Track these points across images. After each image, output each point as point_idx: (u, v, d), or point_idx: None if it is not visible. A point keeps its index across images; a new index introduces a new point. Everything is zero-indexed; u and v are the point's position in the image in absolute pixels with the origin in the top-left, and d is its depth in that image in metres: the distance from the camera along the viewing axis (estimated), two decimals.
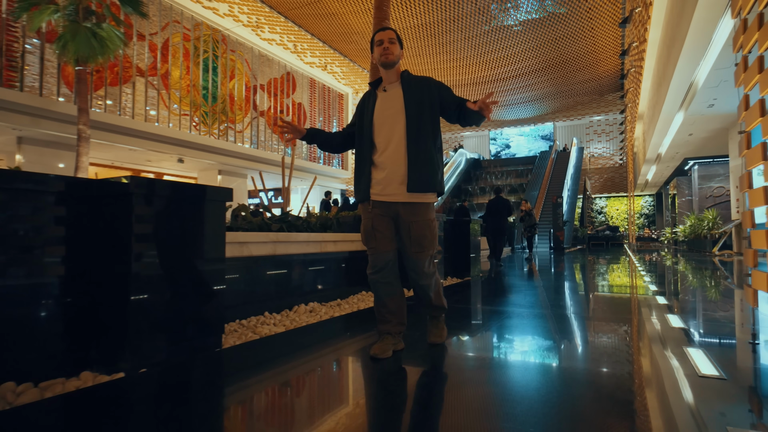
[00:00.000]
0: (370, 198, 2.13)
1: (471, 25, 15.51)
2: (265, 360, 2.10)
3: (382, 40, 2.15)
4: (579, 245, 20.05)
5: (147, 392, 1.71)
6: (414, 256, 2.10)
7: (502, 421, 1.35)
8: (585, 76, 20.98)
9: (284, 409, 1.58)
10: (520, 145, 29.83)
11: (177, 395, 1.66)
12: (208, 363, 2.01)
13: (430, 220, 2.13)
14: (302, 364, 2.00)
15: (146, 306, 1.88)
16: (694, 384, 1.70)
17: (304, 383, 1.82)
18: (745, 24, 2.44)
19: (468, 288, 4.75)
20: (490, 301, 3.96)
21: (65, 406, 1.51)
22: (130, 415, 1.48)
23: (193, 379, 1.88)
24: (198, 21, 12.68)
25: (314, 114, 17.74)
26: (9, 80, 8.64)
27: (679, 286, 5.23)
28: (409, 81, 2.19)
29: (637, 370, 1.99)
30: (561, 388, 1.65)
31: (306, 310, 3.11)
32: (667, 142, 12.70)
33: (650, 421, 1.40)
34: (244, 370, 1.98)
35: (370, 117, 2.17)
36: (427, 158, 2.09)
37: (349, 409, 1.52)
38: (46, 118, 9.40)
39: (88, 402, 1.53)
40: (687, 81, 7.76)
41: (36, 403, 1.48)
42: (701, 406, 1.50)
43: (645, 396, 1.64)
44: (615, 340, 2.52)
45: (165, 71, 11.72)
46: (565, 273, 6.99)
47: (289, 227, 3.59)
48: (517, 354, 2.19)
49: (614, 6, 13.65)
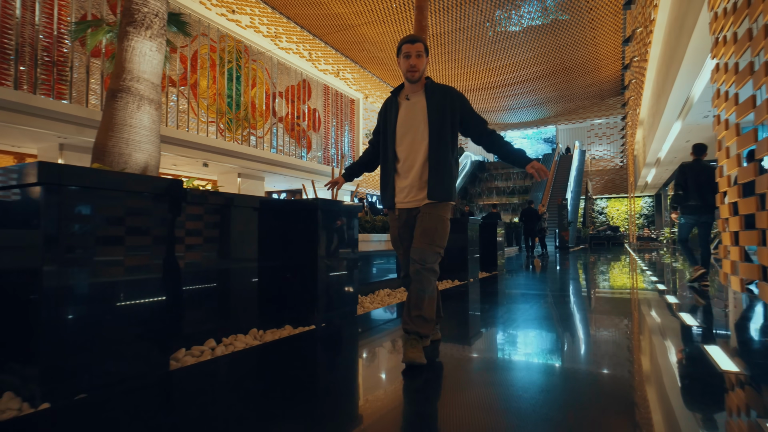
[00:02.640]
0: (395, 206, 2.25)
1: (477, 35, 16.24)
2: (382, 323, 2.93)
3: (409, 54, 2.14)
4: (581, 245, 20.79)
5: (330, 336, 2.66)
6: (421, 247, 2.10)
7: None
8: (586, 82, 21.69)
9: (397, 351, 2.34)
10: (524, 147, 30.58)
11: (342, 341, 2.62)
12: (351, 323, 2.96)
13: (443, 216, 2.17)
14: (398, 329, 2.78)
15: (323, 282, 2.86)
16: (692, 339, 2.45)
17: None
18: (718, 67, 3.18)
19: (497, 279, 5.51)
20: (534, 286, 4.71)
21: (287, 342, 2.48)
22: (321, 346, 2.43)
23: (350, 332, 2.81)
24: (223, 33, 13.41)
25: (328, 118, 18.46)
26: (59, 92, 9.36)
27: (678, 282, 5.97)
28: (432, 91, 2.20)
29: (644, 331, 2.74)
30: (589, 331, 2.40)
31: (384, 294, 3.93)
32: (666, 148, 13.45)
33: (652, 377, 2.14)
34: (373, 328, 2.90)
35: (393, 127, 2.22)
36: (446, 168, 2.15)
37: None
38: (89, 127, 10.11)
39: (298, 341, 2.50)
40: (684, 95, 8.50)
41: (275, 342, 2.47)
42: (688, 349, 2.25)
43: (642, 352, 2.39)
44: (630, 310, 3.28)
45: (194, 81, 12.45)
46: (578, 268, 7.74)
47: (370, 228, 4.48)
48: (531, 323, 2.94)
49: (615, 17, 14.37)
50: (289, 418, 1.44)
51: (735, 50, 2.80)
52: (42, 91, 8.95)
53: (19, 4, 8.56)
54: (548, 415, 1.43)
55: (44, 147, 10.93)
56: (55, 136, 10.04)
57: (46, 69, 9.00)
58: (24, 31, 8.66)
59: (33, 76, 8.80)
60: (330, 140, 18.49)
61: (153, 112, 2.45)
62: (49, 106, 8.90)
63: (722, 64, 3.12)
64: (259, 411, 1.51)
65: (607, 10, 13.90)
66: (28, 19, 8.72)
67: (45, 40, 8.93)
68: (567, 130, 28.74)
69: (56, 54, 9.15)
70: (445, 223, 2.17)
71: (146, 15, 2.49)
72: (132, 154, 2.26)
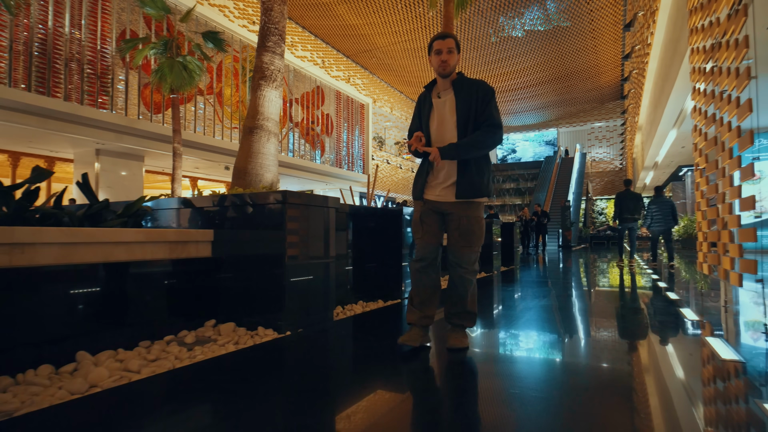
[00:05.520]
0: (423, 197, 2.28)
1: (483, 45, 17.01)
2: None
3: (440, 50, 2.16)
4: (582, 244, 21.59)
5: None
6: (461, 250, 2.17)
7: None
8: (587, 87, 22.47)
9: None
10: (525, 150, 31.36)
11: (396, 316, 3.30)
12: (400, 307, 3.70)
13: (478, 217, 2.20)
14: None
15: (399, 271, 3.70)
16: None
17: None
18: (697, 90, 3.96)
19: (517, 271, 6.30)
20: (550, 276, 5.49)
21: (385, 309, 3.38)
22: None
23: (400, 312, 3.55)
24: (245, 44, 14.17)
25: (340, 123, 19.23)
26: (102, 103, 10.13)
27: (675, 278, 6.76)
28: (461, 86, 2.22)
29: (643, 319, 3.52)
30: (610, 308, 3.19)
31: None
32: (663, 153, 14.23)
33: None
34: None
35: (427, 124, 2.26)
36: (474, 164, 2.17)
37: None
38: (126, 134, 10.89)
39: (391, 310, 3.38)
40: (678, 108, 9.27)
41: (376, 309, 3.39)
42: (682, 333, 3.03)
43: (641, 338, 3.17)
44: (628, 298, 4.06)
45: (219, 90, 13.23)
46: (581, 265, 8.52)
47: None
48: (543, 304, 3.72)
49: (615, 27, 15.15)
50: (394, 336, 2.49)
51: (705, 79, 3.56)
52: (87, 101, 9.71)
53: (68, 22, 9.32)
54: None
55: (81, 152, 11.70)
56: (94, 141, 10.81)
57: (90, 81, 9.76)
58: (71, 48, 9.41)
59: (80, 88, 9.55)
60: (342, 143, 19.24)
61: (275, 143, 3.25)
62: (94, 115, 9.66)
63: (699, 89, 3.90)
64: (379, 339, 2.61)
65: (608, 20, 14.68)
66: (75, 35, 9.47)
67: (90, 54, 9.68)
68: (568, 133, 29.53)
69: (99, 67, 9.91)
70: (481, 224, 2.23)
71: (273, 72, 3.28)
72: (264, 175, 3.04)
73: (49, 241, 1.46)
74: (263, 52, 3.19)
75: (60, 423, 1.37)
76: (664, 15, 8.42)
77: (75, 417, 1.41)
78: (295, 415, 1.44)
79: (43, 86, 8.94)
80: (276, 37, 3.24)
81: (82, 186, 2.04)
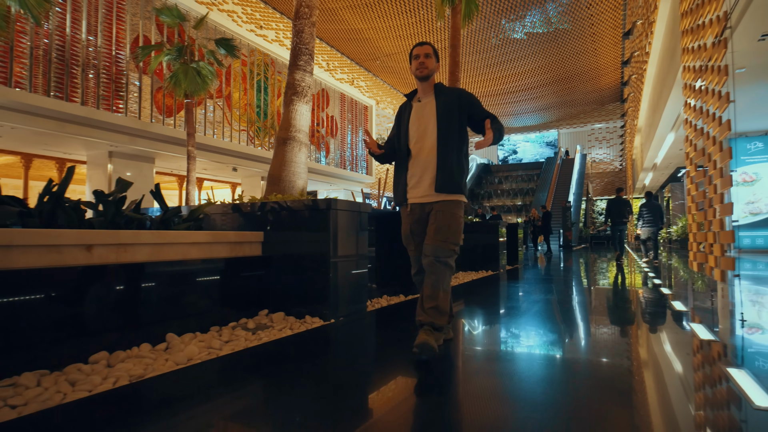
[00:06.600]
0: (407, 201, 2.33)
1: (486, 48, 17.33)
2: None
3: (418, 55, 2.30)
4: (583, 244, 21.90)
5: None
6: (434, 242, 2.17)
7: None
8: (587, 88, 22.80)
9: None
10: (526, 151, 31.68)
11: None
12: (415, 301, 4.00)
13: (456, 214, 2.23)
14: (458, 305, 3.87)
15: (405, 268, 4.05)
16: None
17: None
18: (687, 104, 4.28)
19: (522, 269, 6.61)
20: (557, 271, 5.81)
21: (404, 304, 3.66)
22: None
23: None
24: (252, 48, 14.49)
25: (344, 124, 19.55)
26: (116, 107, 10.44)
27: (673, 275, 7.08)
28: (441, 91, 2.33)
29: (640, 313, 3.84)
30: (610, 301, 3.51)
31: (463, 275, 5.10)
32: (662, 155, 14.55)
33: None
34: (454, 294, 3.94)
35: (406, 126, 2.35)
36: (453, 163, 2.24)
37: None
38: (140, 137, 11.20)
39: (410, 304, 3.63)
40: (675, 113, 9.58)
41: (397, 303, 3.71)
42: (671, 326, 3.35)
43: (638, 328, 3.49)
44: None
45: (227, 93, 13.54)
46: (581, 263, 8.84)
47: None
48: (546, 296, 4.05)
49: (615, 31, 15.46)
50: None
51: (695, 96, 3.88)
52: (102, 105, 10.02)
53: (85, 29, 9.62)
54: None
55: (94, 154, 12.01)
56: (108, 144, 11.12)
57: (105, 86, 10.07)
58: (88, 53, 9.72)
59: (96, 93, 9.86)
60: (346, 145, 19.55)
61: (306, 152, 3.56)
62: (108, 118, 9.98)
63: (690, 104, 4.22)
64: (410, 323, 2.90)
65: (608, 24, 15.00)
66: (91, 41, 9.78)
67: (105, 60, 9.99)
68: (568, 134, 29.86)
69: (114, 71, 10.23)
70: (459, 221, 2.23)
71: (304, 88, 3.61)
72: (296, 182, 3.36)
73: (144, 242, 1.77)
74: (295, 70, 3.50)
75: (197, 380, 1.82)
76: (662, 25, 8.74)
77: (204, 376, 1.85)
78: (356, 373, 1.99)
79: (61, 91, 9.25)
80: (306, 57, 3.56)
81: (154, 194, 2.36)
